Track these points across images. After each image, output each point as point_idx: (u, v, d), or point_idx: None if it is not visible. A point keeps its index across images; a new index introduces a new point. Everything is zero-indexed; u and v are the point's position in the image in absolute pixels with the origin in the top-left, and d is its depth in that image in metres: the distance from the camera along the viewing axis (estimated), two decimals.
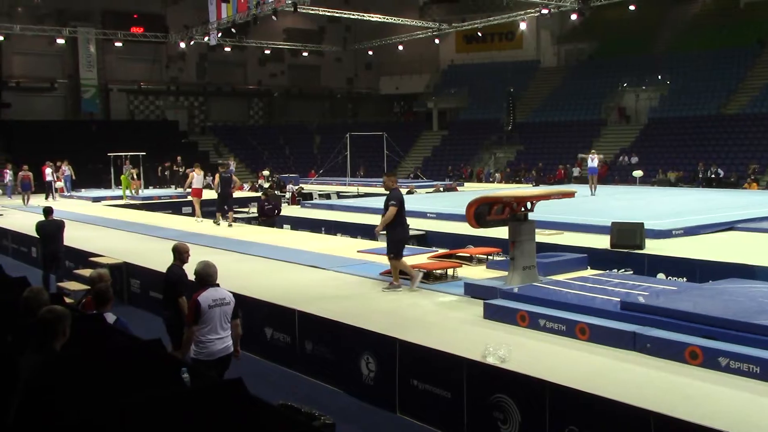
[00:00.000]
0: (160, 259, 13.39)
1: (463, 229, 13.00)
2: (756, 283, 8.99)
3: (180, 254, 7.87)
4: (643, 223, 13.26)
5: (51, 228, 13.16)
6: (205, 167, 38.94)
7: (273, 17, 34.52)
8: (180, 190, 31.47)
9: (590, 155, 26.68)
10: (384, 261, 12.48)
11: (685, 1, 42.89)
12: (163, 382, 4.29)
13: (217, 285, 6.84)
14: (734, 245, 13.55)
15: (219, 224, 18.95)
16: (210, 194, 22.38)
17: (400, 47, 45.53)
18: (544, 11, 35.46)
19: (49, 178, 28.63)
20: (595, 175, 26.65)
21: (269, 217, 20.16)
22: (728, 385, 6.18)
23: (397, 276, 10.33)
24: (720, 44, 39.57)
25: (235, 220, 19.94)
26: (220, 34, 39.22)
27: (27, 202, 26.22)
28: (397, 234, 10.19)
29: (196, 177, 20.77)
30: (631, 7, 34.94)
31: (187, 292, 7.50)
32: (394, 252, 10.21)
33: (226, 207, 19.26)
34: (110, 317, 5.98)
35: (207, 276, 6.79)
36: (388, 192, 10.40)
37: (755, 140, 33.35)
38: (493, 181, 38.31)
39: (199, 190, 20.69)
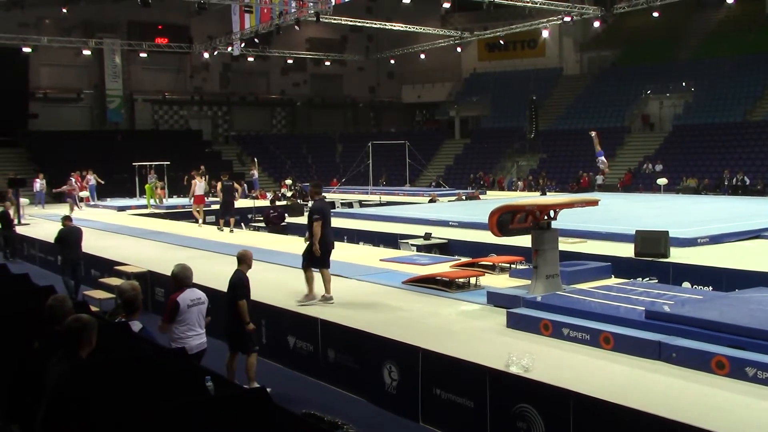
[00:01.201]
0: None
1: (486, 237, 12.96)
2: None
3: (246, 260, 8.47)
4: (667, 232, 13.13)
5: (71, 235, 13.52)
6: (229, 176, 39.49)
7: (296, 27, 34.77)
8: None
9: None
10: (406, 270, 12.51)
11: (709, 8, 42.52)
12: (187, 391, 4.32)
13: (193, 286, 7.47)
14: (761, 253, 13.37)
15: (222, 230, 19.39)
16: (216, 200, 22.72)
17: (422, 56, 45.57)
18: (567, 19, 35.33)
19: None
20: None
21: (275, 225, 20.80)
22: (756, 396, 6.10)
23: (329, 288, 10.14)
24: (745, 50, 39.14)
25: (257, 229, 20.15)
26: (243, 44, 39.56)
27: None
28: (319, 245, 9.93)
29: (198, 184, 21.83)
30: (655, 14, 34.66)
31: (246, 297, 8.25)
32: (312, 262, 10.04)
33: (227, 214, 19.71)
34: (136, 326, 6.04)
35: (184, 278, 7.43)
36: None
37: None
38: (515, 189, 38.16)
39: (201, 197, 21.88)
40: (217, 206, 21.77)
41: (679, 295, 8.94)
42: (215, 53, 42.02)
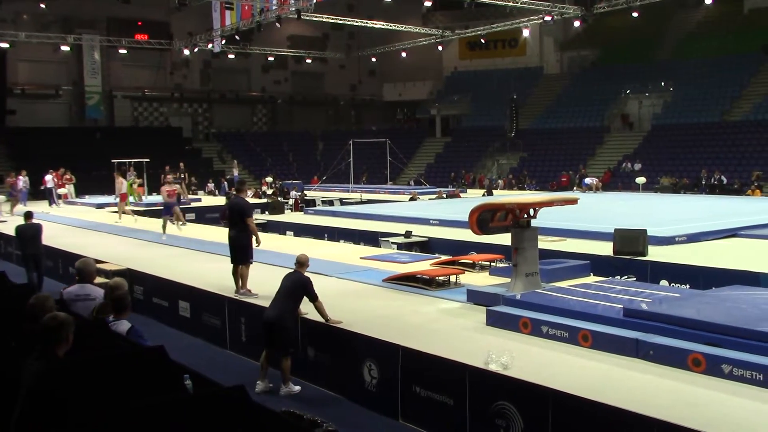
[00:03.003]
0: (163, 265, 13.47)
1: (466, 235, 13.01)
2: (759, 290, 8.98)
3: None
4: (645, 230, 13.25)
5: (29, 231, 13.80)
6: (209, 174, 39.33)
7: (277, 24, 34.69)
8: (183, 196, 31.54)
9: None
10: (386, 268, 12.52)
11: (688, 9, 42.88)
12: (165, 389, 4.30)
13: (90, 282, 7.38)
14: (737, 252, 13.53)
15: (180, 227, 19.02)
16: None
17: (404, 54, 45.62)
18: (547, 18, 35.49)
19: (49, 185, 28.64)
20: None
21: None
22: (732, 393, 6.17)
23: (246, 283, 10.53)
24: (723, 51, 39.54)
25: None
26: (223, 41, 39.38)
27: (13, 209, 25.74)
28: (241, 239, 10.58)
29: (124, 183, 23.78)
30: (634, 14, 34.90)
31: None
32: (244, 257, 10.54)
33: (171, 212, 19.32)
34: (124, 325, 6.00)
35: (81, 272, 7.42)
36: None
37: (758, 147, 33.31)
38: (496, 188, 38.29)
39: (124, 194, 23.61)
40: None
41: (657, 293, 9.02)
42: (195, 50, 41.79)
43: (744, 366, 6.37)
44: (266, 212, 24.21)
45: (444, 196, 30.52)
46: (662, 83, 40.37)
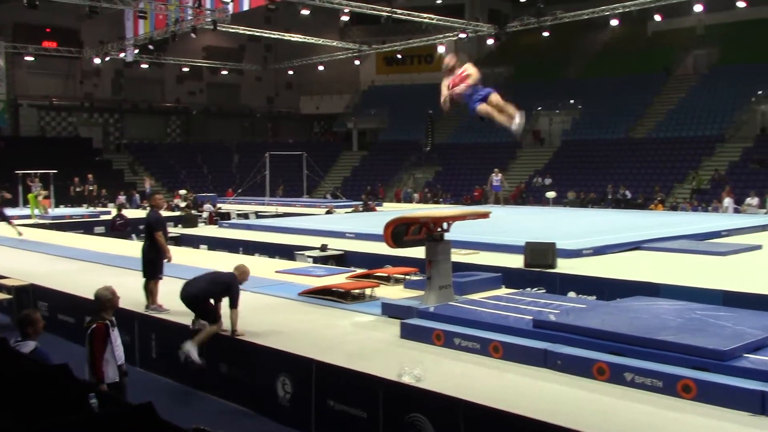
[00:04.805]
0: (69, 281, 13.00)
1: (381, 249, 13.07)
2: (660, 300, 9.35)
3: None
4: (554, 243, 13.62)
5: None
6: (120, 186, 38.27)
7: (192, 35, 34.13)
8: (92, 209, 30.77)
9: (494, 175, 30.61)
10: (302, 281, 12.47)
11: (596, 29, 44.50)
12: (69, 409, 4.17)
13: None
14: (640, 264, 14.06)
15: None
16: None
17: (321, 67, 45.69)
18: (462, 35, 36.25)
19: None
20: (499, 192, 31.25)
21: (120, 231, 22.44)
22: (633, 400, 6.41)
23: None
24: (629, 71, 41.25)
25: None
26: (137, 51, 38.47)
27: None
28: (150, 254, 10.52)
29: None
30: (545, 34, 36.00)
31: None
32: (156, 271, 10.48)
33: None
34: (29, 346, 5.78)
35: None
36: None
37: (660, 163, 34.82)
38: (412, 201, 38.69)
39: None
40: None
41: (565, 304, 9.29)
42: (107, 59, 40.64)
43: (645, 374, 6.64)
44: (179, 225, 23.75)
45: (360, 209, 30.61)
46: (571, 101, 41.76)
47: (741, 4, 30.57)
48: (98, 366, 6.49)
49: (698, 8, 30.28)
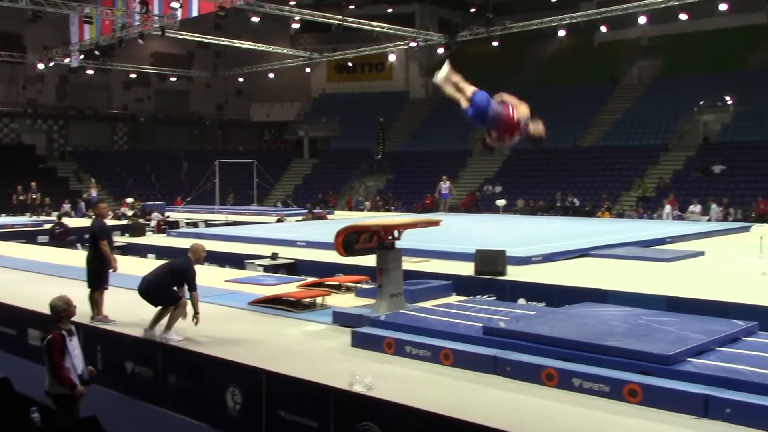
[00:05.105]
0: (10, 292, 12.65)
1: (333, 257, 13.03)
2: (607, 306, 9.52)
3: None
4: (504, 251, 13.76)
5: None
6: (64, 194, 37.43)
7: (139, 41, 33.61)
8: (35, 217, 30.05)
9: (443, 183, 30.77)
10: (252, 290, 12.35)
11: (544, 40, 45.21)
12: (10, 423, 4.05)
13: None
14: (588, 271, 14.29)
15: None
16: None
17: (271, 75, 45.44)
18: (413, 44, 36.48)
19: None
20: (447, 200, 31.42)
21: (60, 240, 22.35)
22: (581, 405, 6.50)
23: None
24: (577, 81, 42.02)
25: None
26: (82, 56, 37.74)
27: None
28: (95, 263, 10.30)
29: None
30: (494, 44, 36.42)
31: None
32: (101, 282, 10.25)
33: None
34: None
35: None
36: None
37: (607, 171, 35.50)
38: (363, 209, 38.69)
39: None
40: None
41: (515, 311, 9.39)
42: (51, 64, 39.74)
43: (592, 379, 6.74)
44: (126, 234, 23.35)
45: (311, 217, 30.48)
46: None
47: (683, 17, 31.35)
48: (63, 374, 6.42)
49: (642, 20, 30.99)
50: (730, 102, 35.69)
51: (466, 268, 13.74)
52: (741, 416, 5.92)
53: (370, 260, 10.40)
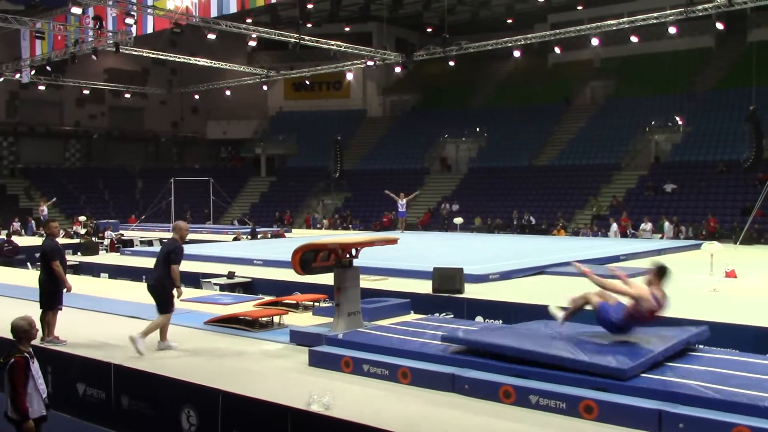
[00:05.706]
0: None
1: (290, 276, 12.96)
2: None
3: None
4: (462, 269, 13.82)
5: None
6: (14, 212, 36.62)
7: (93, 57, 33.14)
8: None
9: (399, 200, 30.74)
10: (208, 310, 12.20)
11: (499, 60, 45.85)
12: None
13: None
14: (543, 288, 14.41)
15: None
16: None
17: (228, 92, 45.22)
18: (370, 63, 36.63)
19: None
20: (404, 218, 31.35)
21: (8, 257, 22.22)
22: (537, 423, 6.52)
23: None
24: (531, 100, 42.68)
25: None
26: (33, 72, 37.06)
27: None
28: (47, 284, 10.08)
29: None
30: (451, 63, 36.73)
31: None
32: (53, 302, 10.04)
33: None
34: None
35: None
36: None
37: (562, 190, 36.01)
38: (321, 228, 38.60)
39: None
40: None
41: (472, 329, 9.41)
42: (1, 80, 38.95)
43: (549, 396, 6.78)
44: (79, 253, 22.89)
45: (269, 236, 30.31)
46: (477, 129, 42.78)
47: (634, 39, 32.08)
48: (21, 401, 6.21)
49: (595, 42, 31.62)
50: (680, 122, 36.58)
51: (424, 286, 13.78)
52: (694, 431, 6.01)
53: (327, 278, 10.35)
